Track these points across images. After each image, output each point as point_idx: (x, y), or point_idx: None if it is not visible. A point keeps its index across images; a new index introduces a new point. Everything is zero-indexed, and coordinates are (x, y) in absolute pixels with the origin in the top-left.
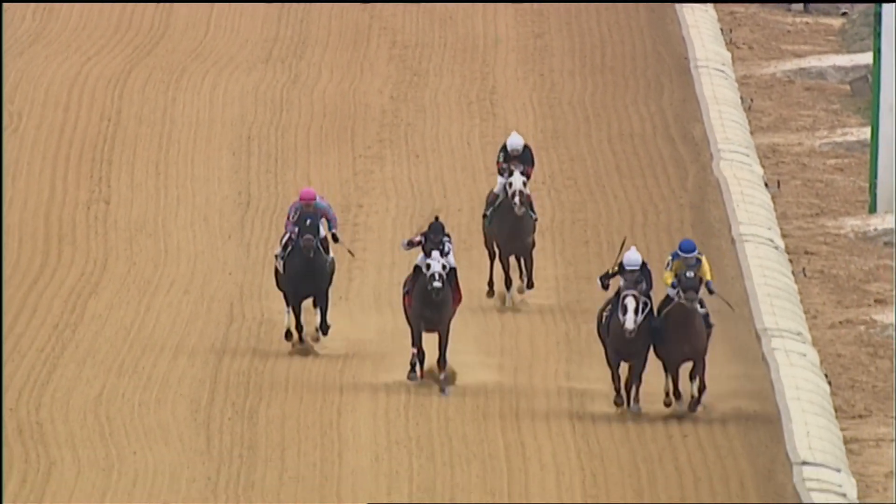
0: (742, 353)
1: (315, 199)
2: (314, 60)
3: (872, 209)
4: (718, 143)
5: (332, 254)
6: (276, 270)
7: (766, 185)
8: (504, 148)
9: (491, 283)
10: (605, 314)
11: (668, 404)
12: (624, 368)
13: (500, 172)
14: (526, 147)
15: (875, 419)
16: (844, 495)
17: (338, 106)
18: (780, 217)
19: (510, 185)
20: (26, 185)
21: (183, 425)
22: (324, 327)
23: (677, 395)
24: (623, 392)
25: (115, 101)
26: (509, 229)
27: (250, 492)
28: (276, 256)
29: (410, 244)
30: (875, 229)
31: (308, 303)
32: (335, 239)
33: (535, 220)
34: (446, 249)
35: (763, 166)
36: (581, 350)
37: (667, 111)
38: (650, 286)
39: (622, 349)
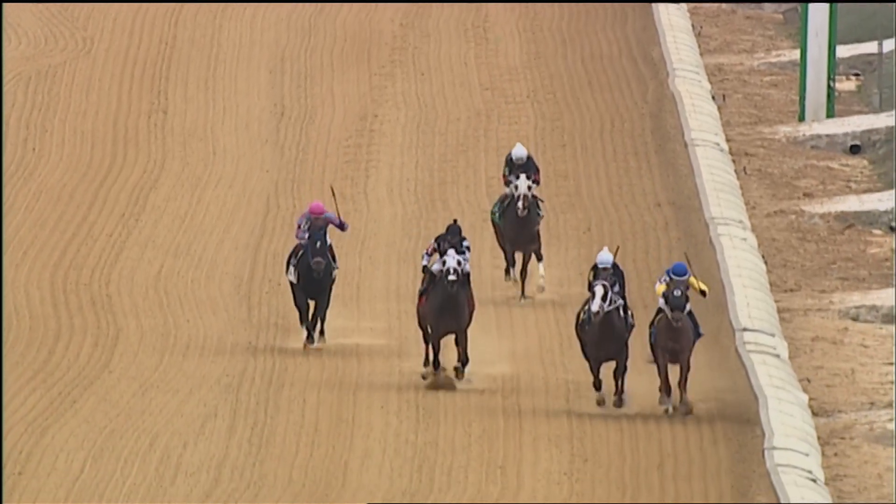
0: (693, 239)
1: (324, 213)
2: None
3: (801, 118)
4: (673, 63)
5: (337, 263)
6: (290, 280)
7: (713, 98)
8: (509, 160)
9: (508, 271)
10: (581, 315)
11: (666, 411)
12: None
13: (507, 185)
14: (529, 157)
15: (803, 293)
16: (778, 356)
17: (356, 32)
18: (725, 124)
19: (516, 188)
20: (97, 98)
21: (228, 298)
22: (321, 330)
23: (667, 384)
24: (600, 383)
25: (171, 28)
26: (516, 228)
27: (285, 355)
28: (287, 265)
29: (428, 255)
30: (804, 135)
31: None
32: (342, 228)
33: (542, 216)
34: (466, 254)
35: (710, 82)
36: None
37: (630, 36)
38: (623, 287)
39: (599, 349)
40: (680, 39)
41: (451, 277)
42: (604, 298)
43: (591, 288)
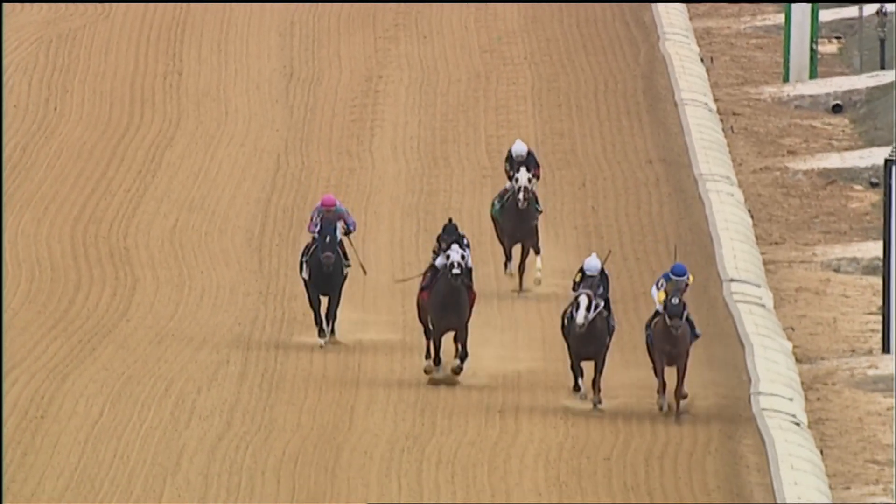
0: (682, 195)
1: (335, 205)
2: None
3: (786, 79)
4: (664, 27)
5: (349, 260)
6: (303, 278)
7: (701, 60)
8: (510, 156)
9: (506, 264)
10: (566, 316)
11: (659, 402)
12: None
13: (510, 179)
14: (530, 153)
15: (787, 245)
16: (763, 305)
17: None
18: (713, 85)
19: (516, 180)
20: (115, 60)
21: (240, 250)
22: (333, 320)
23: (663, 384)
24: (583, 384)
25: None
26: (515, 221)
27: (295, 304)
28: (300, 263)
29: (435, 254)
30: (788, 95)
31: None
32: (347, 233)
33: (540, 211)
34: (465, 243)
35: (699, 45)
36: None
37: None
38: (607, 290)
39: (581, 348)
40: (670, 4)
41: (455, 271)
42: (588, 309)
43: (575, 288)
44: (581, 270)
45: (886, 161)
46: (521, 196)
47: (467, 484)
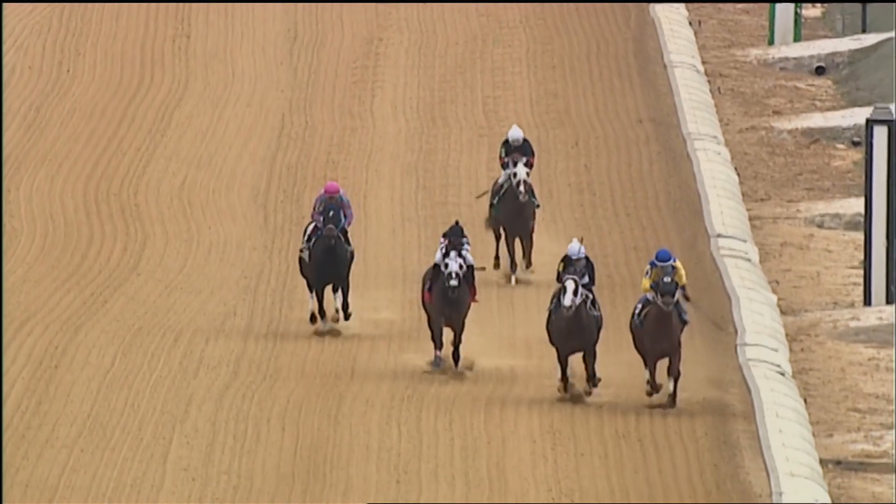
0: (671, 153)
1: (338, 193)
2: None
3: (771, 42)
4: None
5: (351, 245)
6: (301, 259)
7: (689, 23)
8: (506, 142)
9: (497, 258)
10: (550, 309)
11: (649, 394)
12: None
13: (504, 166)
14: (525, 140)
15: (772, 202)
16: (749, 260)
17: None
18: (701, 48)
19: (514, 174)
20: (126, 23)
21: (246, 206)
22: (346, 312)
23: (654, 385)
24: (567, 380)
25: None
26: (513, 214)
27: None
28: (301, 249)
29: (443, 252)
30: (773, 57)
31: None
32: (349, 217)
33: (538, 206)
34: (464, 251)
35: (688, 9)
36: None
37: None
38: (592, 280)
39: (566, 341)
40: None
41: (453, 283)
42: (575, 293)
43: (559, 279)
44: (564, 258)
45: (868, 121)
46: (521, 189)
47: (465, 431)
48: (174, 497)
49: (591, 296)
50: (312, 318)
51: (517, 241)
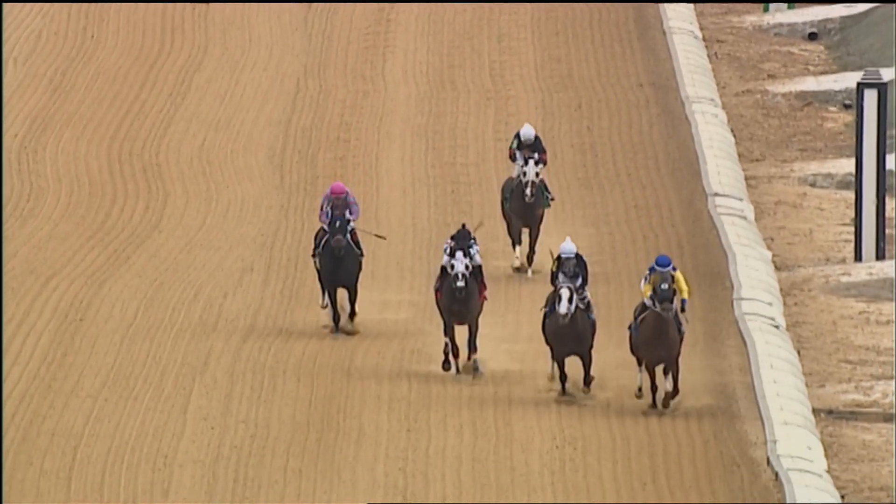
0: (670, 115)
1: (345, 193)
2: None
3: (766, 9)
4: None
5: (361, 249)
6: (315, 264)
7: None
8: (517, 137)
9: (514, 246)
10: (545, 313)
11: (639, 397)
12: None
13: (512, 158)
14: (537, 137)
15: (767, 162)
16: (745, 217)
17: None
18: (699, 14)
19: (524, 174)
20: None
21: (263, 167)
22: (351, 313)
23: (654, 389)
24: (565, 377)
25: None
26: (522, 211)
27: (312, 217)
28: (312, 255)
29: (449, 252)
30: (768, 23)
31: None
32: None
33: (552, 199)
34: (473, 252)
35: None
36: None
37: None
38: (585, 280)
39: (563, 346)
40: None
41: (460, 284)
42: (570, 300)
43: (553, 281)
44: (557, 256)
45: (858, 84)
46: (528, 191)
47: (472, 382)
48: (194, 445)
49: (586, 298)
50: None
51: (528, 232)
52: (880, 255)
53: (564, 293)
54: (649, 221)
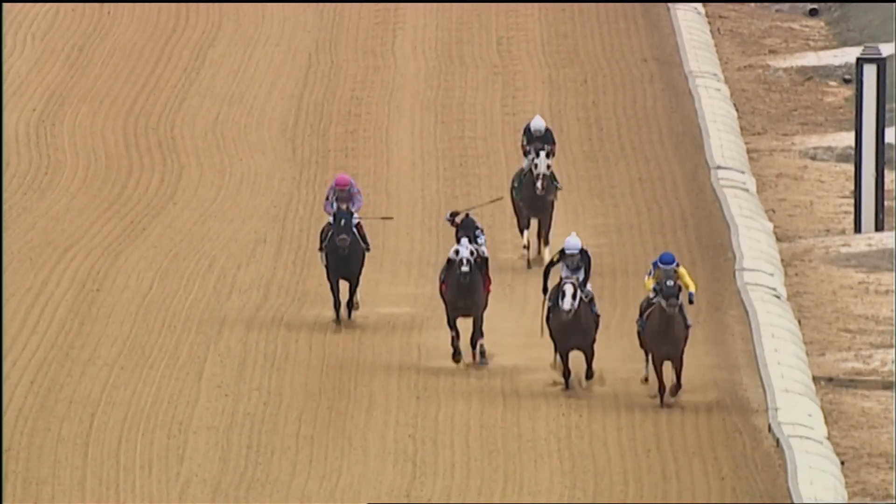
0: (674, 90)
1: (349, 185)
2: None
3: None
4: None
5: (366, 243)
6: (321, 257)
7: None
8: (528, 130)
9: (526, 247)
10: (549, 306)
11: (645, 380)
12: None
13: (525, 154)
14: (547, 129)
15: (769, 136)
16: (747, 190)
17: None
18: None
19: (535, 166)
20: None
21: (275, 140)
22: (351, 305)
23: (662, 390)
24: (569, 372)
25: None
26: (532, 201)
27: (324, 189)
28: (319, 248)
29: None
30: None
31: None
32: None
33: (560, 188)
34: (480, 241)
35: None
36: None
37: None
38: (588, 274)
39: (567, 339)
40: None
41: (465, 269)
42: (573, 297)
43: (547, 270)
44: (561, 251)
45: (858, 60)
46: (539, 184)
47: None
48: (208, 412)
49: (589, 294)
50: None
51: (536, 222)
52: (879, 227)
53: (568, 289)
54: (653, 194)
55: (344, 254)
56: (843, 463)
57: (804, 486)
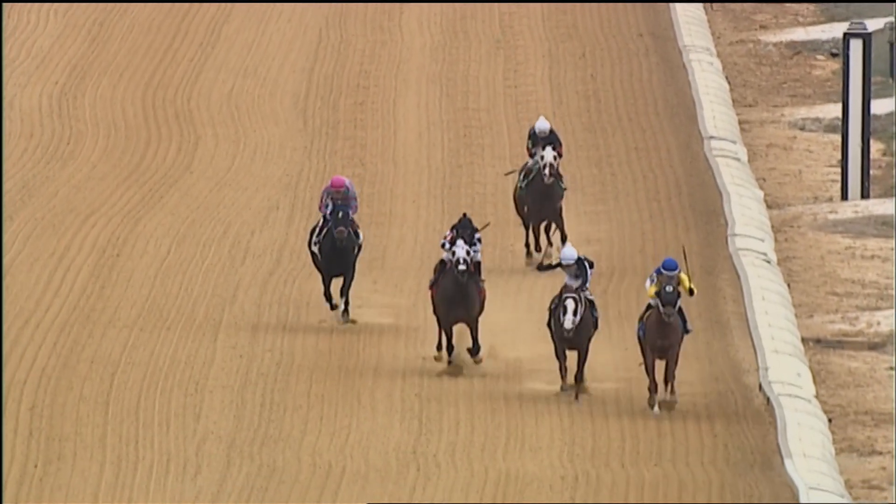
0: (669, 64)
1: (344, 186)
2: None
3: None
4: None
5: (360, 238)
6: (313, 253)
7: None
8: (532, 133)
9: (528, 245)
10: (552, 309)
11: (652, 406)
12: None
13: (531, 157)
14: (552, 130)
15: (759, 108)
16: (739, 159)
17: None
18: None
19: (542, 157)
20: None
21: (287, 112)
22: (345, 301)
23: (654, 383)
24: (566, 376)
25: None
26: (540, 196)
27: (335, 158)
28: (310, 244)
29: (450, 243)
30: None
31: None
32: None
33: (565, 189)
34: (477, 247)
35: None
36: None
37: None
38: (587, 280)
39: (564, 340)
40: None
41: (461, 268)
42: (575, 313)
43: (562, 297)
44: (558, 262)
45: (845, 34)
46: (546, 171)
47: (483, 327)
48: (223, 372)
49: (590, 298)
50: (332, 305)
51: (543, 226)
52: (865, 194)
53: (570, 305)
54: (649, 163)
55: (341, 245)
56: (830, 420)
57: (793, 442)
